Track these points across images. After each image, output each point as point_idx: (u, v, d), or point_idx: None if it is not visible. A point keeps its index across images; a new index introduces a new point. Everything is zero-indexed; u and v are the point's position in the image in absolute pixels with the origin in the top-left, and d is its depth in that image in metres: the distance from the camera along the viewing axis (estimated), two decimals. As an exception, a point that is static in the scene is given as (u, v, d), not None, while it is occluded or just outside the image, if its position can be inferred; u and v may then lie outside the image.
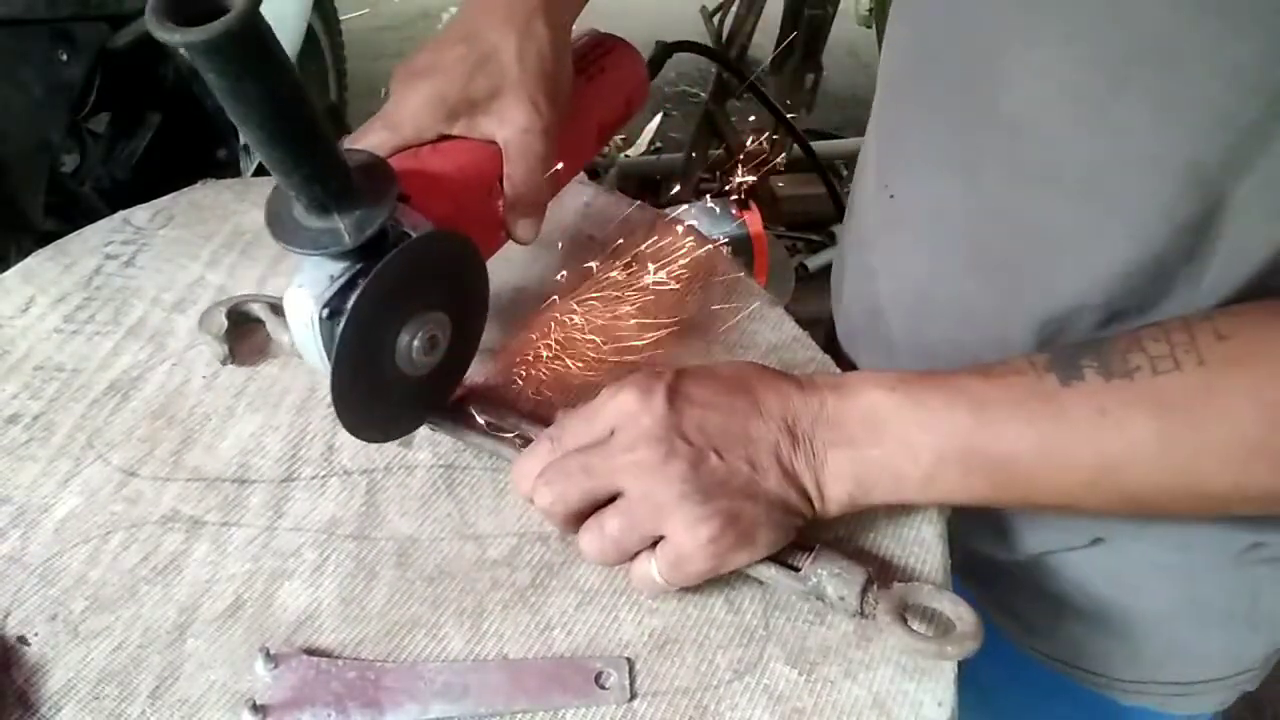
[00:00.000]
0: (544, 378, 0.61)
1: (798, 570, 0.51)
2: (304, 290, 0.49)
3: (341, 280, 0.49)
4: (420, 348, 0.52)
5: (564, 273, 0.64)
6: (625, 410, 0.50)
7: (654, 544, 0.50)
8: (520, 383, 0.61)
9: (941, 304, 0.63)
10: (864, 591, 0.50)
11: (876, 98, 0.67)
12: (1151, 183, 0.49)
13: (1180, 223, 0.49)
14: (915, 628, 0.50)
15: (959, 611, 0.50)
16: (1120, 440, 0.46)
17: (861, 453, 0.50)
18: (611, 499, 0.50)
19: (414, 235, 0.49)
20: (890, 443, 0.50)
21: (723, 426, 0.50)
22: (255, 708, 0.46)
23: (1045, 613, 0.68)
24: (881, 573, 0.53)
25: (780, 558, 0.52)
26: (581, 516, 0.51)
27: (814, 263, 2.29)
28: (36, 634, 0.50)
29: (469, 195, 0.57)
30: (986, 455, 0.49)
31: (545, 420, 0.58)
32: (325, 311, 0.49)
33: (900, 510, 0.58)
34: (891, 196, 0.64)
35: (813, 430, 0.51)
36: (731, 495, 0.49)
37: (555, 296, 0.62)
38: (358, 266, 0.49)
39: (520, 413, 0.60)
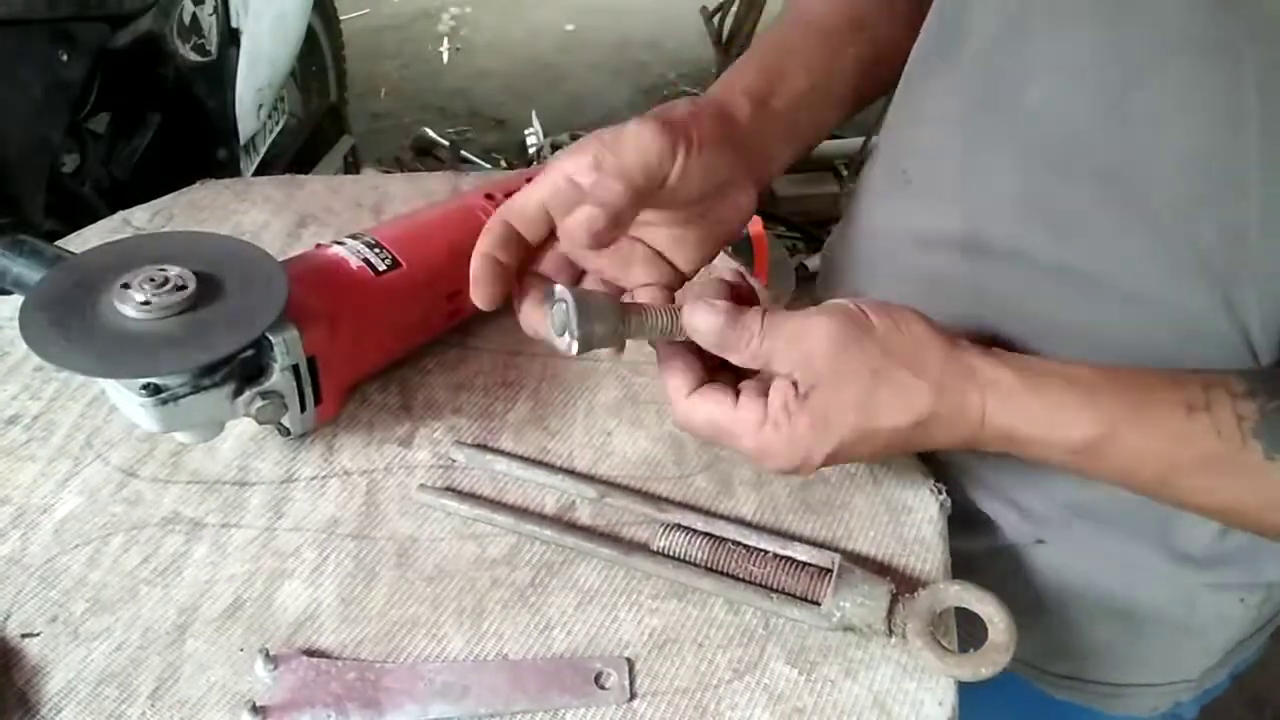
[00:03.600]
0: None
1: (819, 605, 0.51)
2: None
3: None
4: None
5: None
6: (780, 438, 0.49)
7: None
8: None
9: (948, 291, 0.61)
10: (890, 612, 0.50)
11: (900, 83, 0.65)
12: (1169, 175, 0.49)
13: (1202, 218, 0.49)
14: (943, 641, 0.49)
15: (988, 611, 0.49)
16: None
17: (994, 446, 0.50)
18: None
19: None
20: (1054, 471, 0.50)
21: (859, 456, 0.50)
22: (255, 709, 0.46)
23: None
24: (889, 572, 0.53)
25: (800, 589, 0.52)
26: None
27: (814, 262, 2.30)
28: (38, 635, 0.50)
29: None
30: (1162, 500, 0.49)
31: None
32: None
33: (901, 510, 0.58)
34: (908, 182, 0.63)
35: (946, 441, 0.50)
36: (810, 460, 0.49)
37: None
38: None
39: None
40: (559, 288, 0.49)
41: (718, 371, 0.52)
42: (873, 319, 0.49)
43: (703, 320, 0.49)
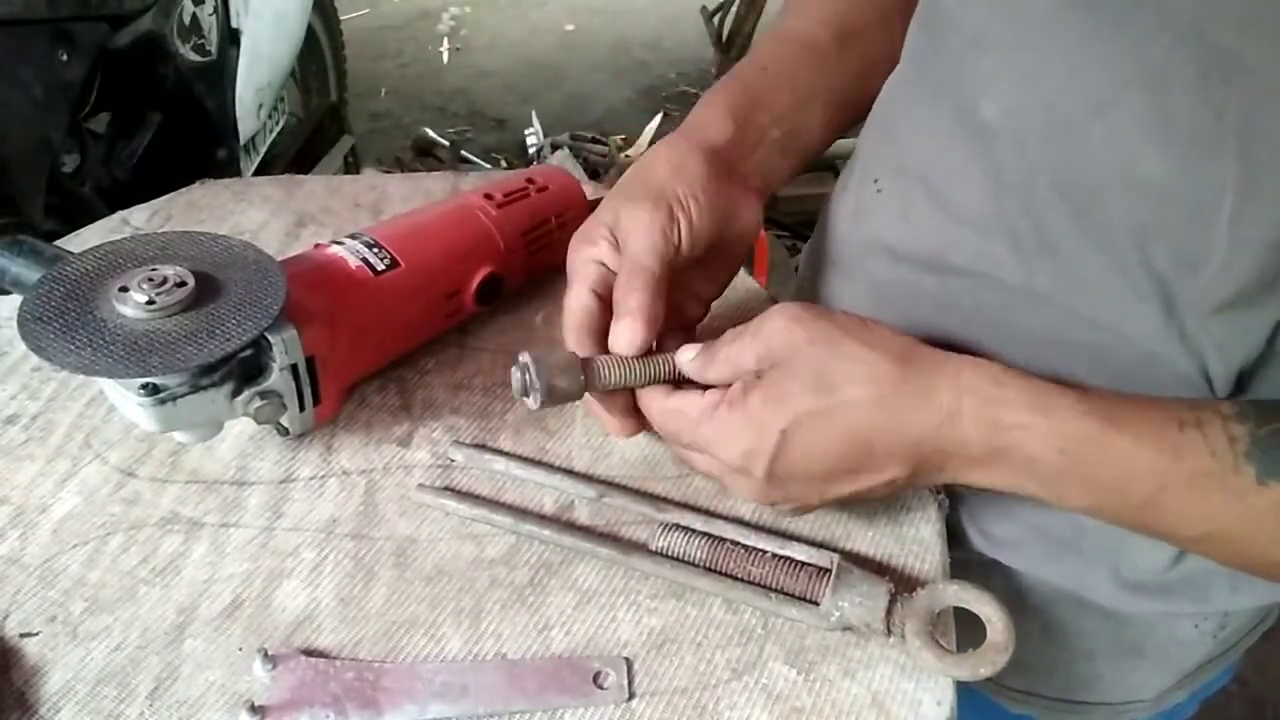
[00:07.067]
0: None
1: (817, 605, 0.51)
2: None
3: None
4: None
5: None
6: (734, 417, 0.49)
7: None
8: None
9: (915, 304, 0.60)
10: (889, 612, 0.50)
11: (884, 89, 0.65)
12: (1129, 202, 0.48)
13: (1159, 247, 0.48)
14: (941, 640, 0.49)
15: (987, 611, 0.49)
16: None
17: (984, 479, 0.49)
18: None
19: None
20: (1038, 490, 0.48)
21: (820, 451, 0.49)
22: (253, 709, 0.46)
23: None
24: (888, 572, 0.53)
25: (799, 589, 0.52)
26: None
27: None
28: (37, 634, 0.50)
29: None
30: (1143, 525, 0.48)
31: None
32: None
33: (900, 509, 0.58)
34: (879, 191, 0.63)
35: (935, 474, 0.49)
36: (763, 440, 0.49)
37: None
38: None
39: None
40: (521, 354, 0.53)
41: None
42: (834, 311, 0.51)
43: (689, 350, 0.54)
